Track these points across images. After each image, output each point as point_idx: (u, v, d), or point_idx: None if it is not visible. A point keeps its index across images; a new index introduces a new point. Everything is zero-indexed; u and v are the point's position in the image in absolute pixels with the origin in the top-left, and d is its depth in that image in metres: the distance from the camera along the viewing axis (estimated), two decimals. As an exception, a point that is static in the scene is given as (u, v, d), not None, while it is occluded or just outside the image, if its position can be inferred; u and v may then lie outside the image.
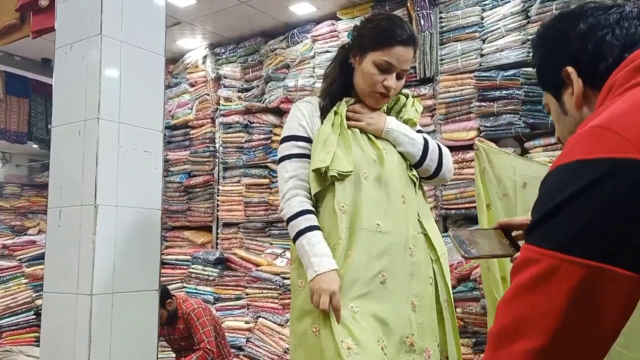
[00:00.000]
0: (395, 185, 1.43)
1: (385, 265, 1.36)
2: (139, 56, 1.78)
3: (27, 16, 2.29)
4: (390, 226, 1.39)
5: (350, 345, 1.27)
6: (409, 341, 1.35)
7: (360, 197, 1.38)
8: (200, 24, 4.08)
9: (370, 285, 1.34)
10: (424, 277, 1.42)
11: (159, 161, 1.82)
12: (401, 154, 1.48)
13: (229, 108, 4.28)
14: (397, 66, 1.42)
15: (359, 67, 1.46)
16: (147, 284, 1.75)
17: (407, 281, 1.38)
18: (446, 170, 1.54)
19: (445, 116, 3.29)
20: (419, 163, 1.49)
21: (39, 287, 3.59)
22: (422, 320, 1.38)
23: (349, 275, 1.34)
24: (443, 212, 3.19)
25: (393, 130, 1.47)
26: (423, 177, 1.53)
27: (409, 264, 1.39)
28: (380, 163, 1.42)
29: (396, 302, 1.35)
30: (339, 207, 1.37)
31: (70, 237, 1.66)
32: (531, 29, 3.05)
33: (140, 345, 1.72)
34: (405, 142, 1.48)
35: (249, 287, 3.65)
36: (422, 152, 1.49)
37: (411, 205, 1.45)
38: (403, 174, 1.46)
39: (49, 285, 1.73)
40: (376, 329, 1.31)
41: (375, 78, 1.42)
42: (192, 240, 4.35)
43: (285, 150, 1.47)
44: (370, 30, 1.45)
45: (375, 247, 1.36)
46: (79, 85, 1.70)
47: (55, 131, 1.77)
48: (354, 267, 1.34)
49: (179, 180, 4.49)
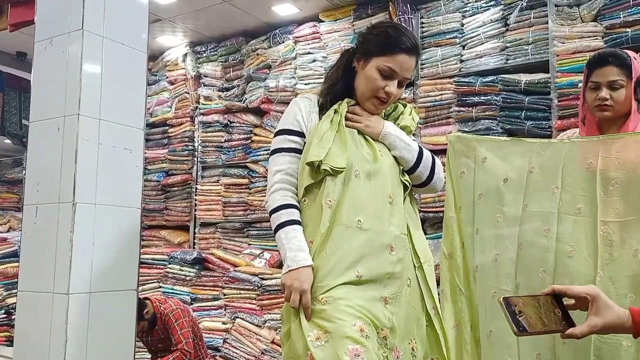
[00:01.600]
0: (385, 184, 1.45)
1: (361, 261, 1.37)
2: (121, 52, 1.76)
3: (5, 9, 2.24)
4: (373, 224, 1.40)
5: (320, 336, 1.28)
6: (382, 334, 1.36)
7: (346, 193, 1.40)
8: (182, 22, 4.04)
9: (344, 277, 1.35)
10: (402, 277, 1.43)
11: (139, 159, 1.80)
12: (395, 158, 1.50)
13: (209, 107, 4.25)
14: (399, 73, 1.45)
15: (361, 71, 1.49)
16: (126, 283, 1.73)
17: (383, 279, 1.39)
18: (437, 179, 1.58)
19: (425, 120, 3.33)
20: (412, 169, 1.52)
21: (9, 285, 3.51)
22: (394, 319, 1.39)
23: (323, 268, 1.36)
24: (421, 214, 3.23)
25: (390, 134, 1.50)
26: (415, 184, 1.55)
27: (388, 263, 1.40)
28: (374, 161, 1.44)
29: (370, 297, 1.37)
30: (326, 201, 1.39)
31: (46, 235, 1.63)
32: (510, 36, 3.12)
33: (118, 345, 1.69)
34: (401, 146, 1.50)
35: (226, 288, 3.63)
36: (416, 158, 1.52)
37: (398, 206, 1.47)
38: (395, 176, 1.48)
39: (24, 284, 1.69)
40: (351, 316, 1.31)
41: (378, 83, 1.45)
42: (168, 240, 4.31)
43: (278, 143, 1.49)
44: (376, 37, 1.48)
45: (352, 243, 1.38)
46: (58, 81, 1.67)
47: (33, 127, 1.74)
48: (327, 260, 1.36)
49: (157, 179, 4.43)
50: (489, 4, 3.23)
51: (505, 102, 3.06)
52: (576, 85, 2.80)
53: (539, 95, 2.98)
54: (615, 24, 2.79)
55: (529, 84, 3.01)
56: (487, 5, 3.23)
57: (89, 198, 1.63)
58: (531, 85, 3.00)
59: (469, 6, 3.29)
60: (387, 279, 1.40)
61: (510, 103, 3.05)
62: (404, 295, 1.43)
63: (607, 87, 1.67)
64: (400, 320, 1.40)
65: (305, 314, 1.33)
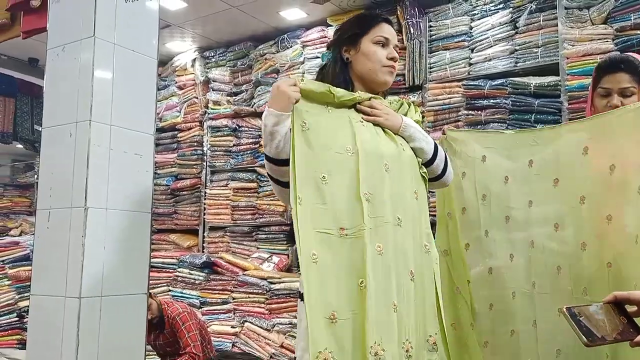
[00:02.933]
0: (407, 181, 1.43)
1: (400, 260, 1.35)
2: (132, 59, 1.78)
3: (18, 16, 2.27)
4: (407, 221, 1.39)
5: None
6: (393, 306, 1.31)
7: (383, 190, 1.36)
8: (190, 27, 4.07)
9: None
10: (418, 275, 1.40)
11: (149, 164, 1.81)
12: (414, 151, 1.48)
13: (218, 111, 4.27)
14: (391, 40, 1.51)
15: (357, 55, 1.50)
16: (136, 287, 1.74)
17: (408, 278, 1.37)
18: (449, 172, 1.58)
19: (434, 124, 3.33)
20: (430, 161, 1.51)
21: (21, 288, 3.54)
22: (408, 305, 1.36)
23: (379, 271, 1.29)
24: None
25: (409, 126, 1.49)
26: (430, 177, 1.53)
27: (419, 263, 1.39)
28: (398, 159, 1.42)
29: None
30: (362, 193, 1.32)
31: (59, 239, 1.64)
32: (519, 39, 3.11)
33: (128, 348, 1.70)
34: (420, 138, 1.49)
35: (235, 292, 3.64)
36: (433, 150, 1.51)
37: (423, 202, 1.46)
38: (416, 171, 1.47)
39: (37, 288, 1.71)
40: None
41: (380, 53, 1.49)
42: (178, 244, 4.33)
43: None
44: (353, 22, 1.55)
45: (396, 242, 1.34)
46: (70, 87, 1.69)
47: (46, 132, 1.76)
48: (383, 262, 1.30)
49: (166, 183, 4.46)
50: (497, 7, 3.22)
51: (514, 105, 3.05)
52: (586, 88, 2.77)
53: (549, 98, 2.97)
54: (625, 27, 2.77)
55: (539, 86, 2.99)
56: (495, 9, 3.23)
57: (100, 203, 1.65)
58: (541, 88, 2.99)
59: (478, 9, 3.29)
60: (411, 277, 1.38)
61: (519, 106, 3.04)
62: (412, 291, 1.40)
63: (619, 94, 1.66)
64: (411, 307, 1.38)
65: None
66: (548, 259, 1.76)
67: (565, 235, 1.71)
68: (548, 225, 1.76)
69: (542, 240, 1.78)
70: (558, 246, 1.73)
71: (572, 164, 1.70)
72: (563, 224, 1.72)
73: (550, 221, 1.76)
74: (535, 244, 1.80)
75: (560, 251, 1.72)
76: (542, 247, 1.78)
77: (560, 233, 1.72)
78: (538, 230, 1.80)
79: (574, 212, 1.68)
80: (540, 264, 1.78)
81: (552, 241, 1.75)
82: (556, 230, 1.74)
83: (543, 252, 1.78)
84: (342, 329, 1.24)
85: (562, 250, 1.71)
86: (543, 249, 1.78)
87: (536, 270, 1.79)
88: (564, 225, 1.72)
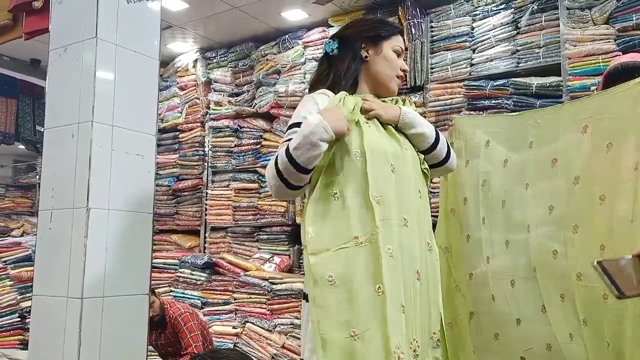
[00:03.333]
0: (411, 180, 1.42)
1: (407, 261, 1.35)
2: (134, 60, 1.78)
3: (20, 17, 2.27)
4: (412, 221, 1.38)
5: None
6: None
7: (390, 190, 1.36)
8: (192, 28, 4.07)
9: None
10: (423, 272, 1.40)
11: (151, 165, 1.81)
12: (416, 138, 1.48)
13: (219, 112, 4.28)
14: (404, 52, 1.55)
15: (377, 56, 1.50)
16: (138, 288, 1.74)
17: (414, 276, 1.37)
18: (452, 157, 1.57)
19: (435, 124, 3.31)
20: (433, 145, 1.50)
21: (23, 289, 3.54)
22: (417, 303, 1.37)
23: (391, 273, 1.29)
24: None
25: (409, 113, 1.48)
26: (432, 164, 1.52)
27: (424, 262, 1.39)
28: (402, 158, 1.42)
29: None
30: (372, 196, 1.32)
31: (61, 240, 1.65)
32: (521, 39, 3.10)
33: (130, 349, 1.71)
34: (421, 123, 1.49)
35: (237, 292, 3.64)
36: (435, 134, 1.51)
37: (426, 201, 1.46)
38: (418, 170, 1.47)
39: (39, 288, 1.71)
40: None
41: (397, 62, 1.52)
42: (179, 244, 4.33)
43: (289, 135, 1.36)
44: (376, 24, 1.57)
45: (402, 242, 1.34)
46: (73, 88, 1.70)
47: (48, 133, 1.76)
48: (394, 264, 1.30)
49: (167, 184, 4.47)
50: (499, 8, 3.22)
51: (516, 105, 3.04)
52: (588, 89, 2.78)
53: (551, 99, 2.96)
54: (627, 27, 2.77)
55: (541, 87, 2.99)
56: (497, 9, 3.23)
57: (102, 203, 1.65)
58: (542, 89, 2.99)
59: (479, 10, 3.29)
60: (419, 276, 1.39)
61: (521, 106, 3.02)
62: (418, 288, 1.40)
63: None
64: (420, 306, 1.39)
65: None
66: (543, 241, 1.73)
67: (558, 217, 1.68)
68: (543, 206, 1.73)
69: (536, 223, 1.75)
70: (552, 229, 1.71)
71: (570, 142, 1.67)
72: (557, 205, 1.70)
73: (545, 204, 1.73)
74: (531, 228, 1.77)
75: (554, 235, 1.69)
76: (537, 231, 1.75)
77: (555, 214, 1.70)
78: (534, 213, 1.76)
79: (568, 193, 1.66)
80: (537, 249, 1.75)
81: (545, 224, 1.73)
82: (550, 212, 1.71)
83: (537, 237, 1.74)
84: (363, 342, 1.25)
85: (556, 235, 1.69)
86: (538, 233, 1.74)
87: (534, 256, 1.76)
88: (558, 206, 1.69)
